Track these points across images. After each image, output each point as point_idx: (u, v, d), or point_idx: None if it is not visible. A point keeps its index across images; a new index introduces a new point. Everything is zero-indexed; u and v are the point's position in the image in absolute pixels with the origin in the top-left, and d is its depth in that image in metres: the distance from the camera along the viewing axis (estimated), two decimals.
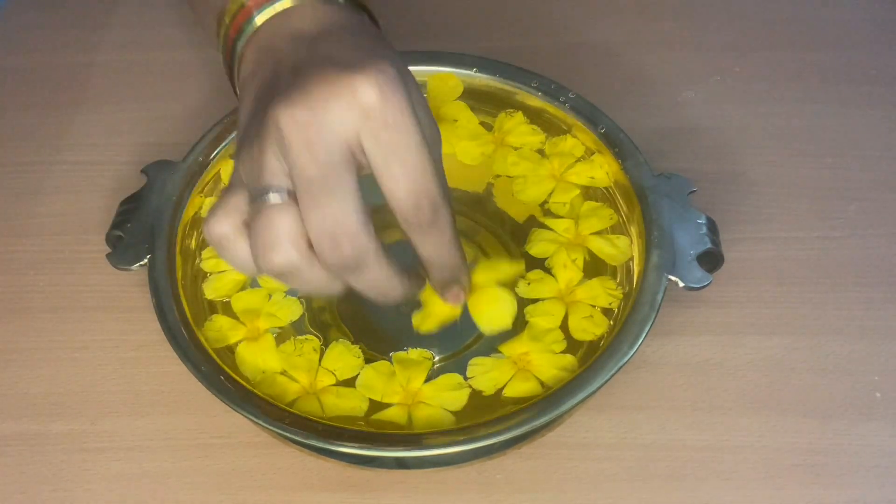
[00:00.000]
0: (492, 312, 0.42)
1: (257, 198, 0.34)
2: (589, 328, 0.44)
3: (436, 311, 0.41)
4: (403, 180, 0.34)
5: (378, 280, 0.36)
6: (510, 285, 0.43)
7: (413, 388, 0.43)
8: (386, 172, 0.34)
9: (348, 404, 0.42)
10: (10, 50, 0.62)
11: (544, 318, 0.45)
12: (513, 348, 0.44)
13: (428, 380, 0.43)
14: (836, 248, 0.51)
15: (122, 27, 0.63)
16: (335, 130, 0.33)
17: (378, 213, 0.35)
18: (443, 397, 0.42)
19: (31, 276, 0.51)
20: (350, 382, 0.43)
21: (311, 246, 0.34)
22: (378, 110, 0.33)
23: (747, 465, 0.43)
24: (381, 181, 0.34)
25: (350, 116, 0.33)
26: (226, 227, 0.35)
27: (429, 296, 0.41)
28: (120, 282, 0.49)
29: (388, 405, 0.42)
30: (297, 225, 0.34)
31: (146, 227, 0.46)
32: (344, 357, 0.44)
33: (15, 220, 0.53)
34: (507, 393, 0.42)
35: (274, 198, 0.34)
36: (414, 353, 0.44)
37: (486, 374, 0.43)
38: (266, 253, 0.34)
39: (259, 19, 0.39)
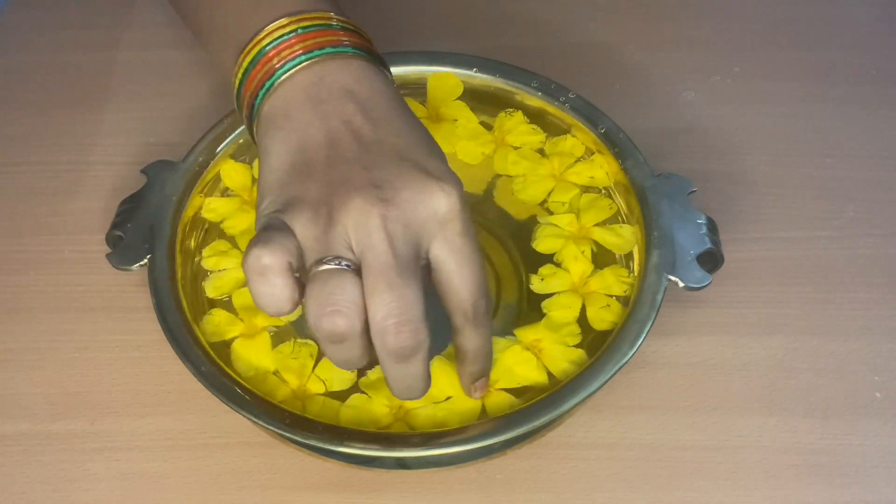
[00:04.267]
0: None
1: (323, 261, 0.35)
2: (607, 317, 0.44)
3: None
4: (471, 281, 0.38)
5: (414, 375, 0.37)
6: None
7: (397, 401, 0.42)
8: (458, 274, 0.37)
9: (332, 417, 0.42)
10: (10, 50, 0.62)
11: (562, 311, 0.45)
12: (527, 334, 0.44)
13: None
14: (835, 248, 0.51)
15: (121, 27, 0.63)
16: (417, 233, 0.36)
17: None
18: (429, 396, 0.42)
19: (31, 276, 0.51)
20: (338, 395, 0.43)
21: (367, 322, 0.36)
22: (457, 221, 0.37)
23: (747, 465, 0.43)
24: (449, 282, 0.38)
25: (431, 223, 0.37)
26: (273, 260, 0.35)
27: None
28: (120, 282, 0.49)
29: (387, 427, 0.42)
30: (362, 299, 0.35)
31: (146, 227, 0.46)
32: (338, 369, 0.43)
33: (15, 220, 0.53)
34: (511, 381, 0.43)
35: (343, 265, 0.35)
36: (376, 371, 0.43)
37: (496, 354, 0.43)
38: (332, 313, 0.35)
39: (304, 63, 0.39)
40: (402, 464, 0.44)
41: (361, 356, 0.37)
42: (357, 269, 0.36)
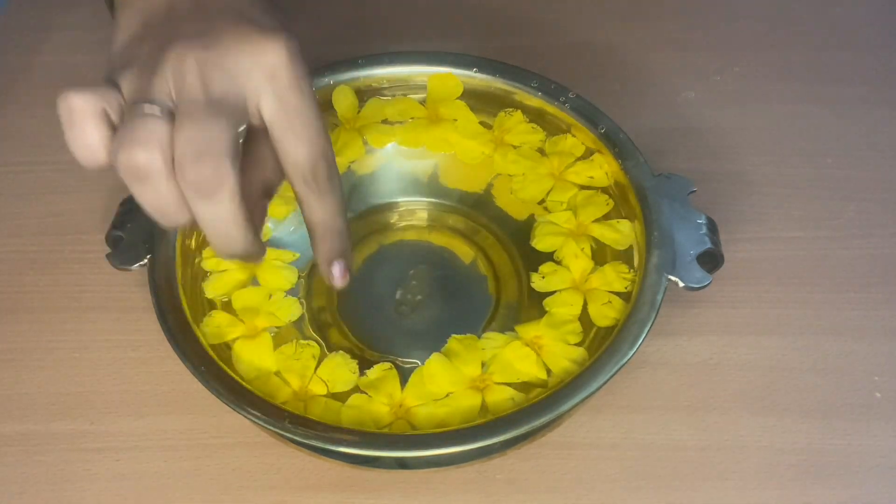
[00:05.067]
0: None
1: (136, 105, 0.34)
2: (609, 314, 0.44)
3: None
4: (305, 141, 0.36)
5: (224, 218, 0.35)
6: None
7: (396, 400, 0.42)
8: (289, 132, 0.35)
9: (334, 419, 0.42)
10: (11, 49, 0.62)
11: (564, 308, 0.45)
12: (529, 330, 0.44)
13: (404, 381, 0.43)
14: (836, 248, 0.51)
15: None
16: (237, 79, 0.35)
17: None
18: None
19: (31, 276, 0.51)
20: (340, 396, 0.43)
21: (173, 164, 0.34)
22: (285, 74, 0.35)
23: (747, 465, 0.43)
24: (281, 141, 0.36)
25: (256, 74, 0.35)
26: (81, 103, 0.34)
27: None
28: (120, 282, 0.49)
29: (388, 426, 0.42)
30: (169, 138, 0.33)
31: (146, 227, 0.46)
32: (340, 370, 0.43)
33: (15, 220, 0.53)
34: (511, 376, 0.43)
35: (154, 108, 0.34)
36: (375, 371, 0.43)
37: (497, 349, 0.43)
38: (131, 146, 0.33)
39: None
40: (402, 464, 0.44)
41: (175, 204, 0.34)
42: (172, 115, 0.34)
